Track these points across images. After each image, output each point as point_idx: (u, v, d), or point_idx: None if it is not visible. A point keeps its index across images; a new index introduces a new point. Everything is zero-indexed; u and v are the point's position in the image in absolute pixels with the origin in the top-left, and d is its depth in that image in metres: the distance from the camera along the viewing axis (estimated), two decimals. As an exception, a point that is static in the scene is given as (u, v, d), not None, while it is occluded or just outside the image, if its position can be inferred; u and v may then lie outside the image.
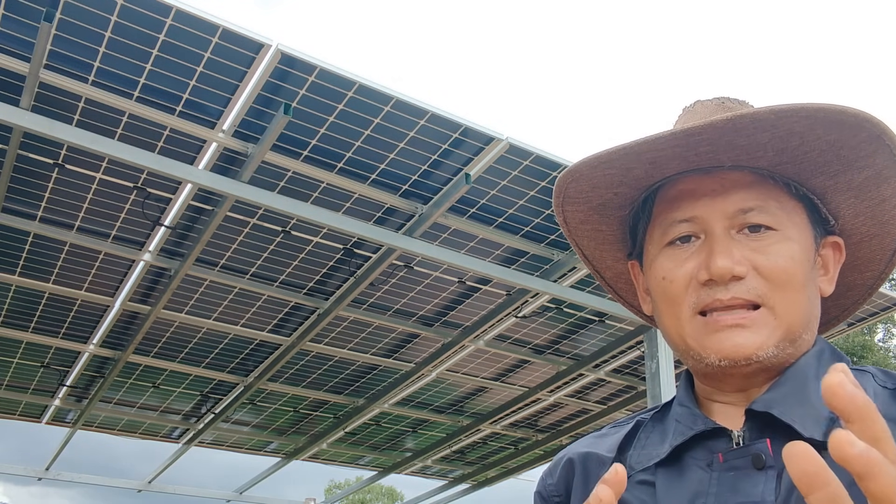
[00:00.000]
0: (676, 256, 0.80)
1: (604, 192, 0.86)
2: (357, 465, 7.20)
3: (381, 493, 28.98)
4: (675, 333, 0.81)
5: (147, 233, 3.70)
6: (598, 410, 5.83)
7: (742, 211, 0.78)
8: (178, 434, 6.27)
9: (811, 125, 0.74)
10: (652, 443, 0.83)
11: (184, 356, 4.88)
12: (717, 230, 0.78)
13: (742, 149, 0.77)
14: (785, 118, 0.73)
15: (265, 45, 2.76)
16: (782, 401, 0.74)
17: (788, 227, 0.78)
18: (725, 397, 0.81)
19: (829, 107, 0.71)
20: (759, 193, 0.78)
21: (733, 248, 0.77)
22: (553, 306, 4.40)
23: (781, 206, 0.79)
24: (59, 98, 2.91)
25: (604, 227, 0.91)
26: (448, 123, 3.12)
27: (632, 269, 0.93)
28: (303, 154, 3.23)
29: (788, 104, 0.72)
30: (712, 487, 0.74)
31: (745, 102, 0.88)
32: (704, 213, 0.79)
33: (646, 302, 0.90)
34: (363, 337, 4.70)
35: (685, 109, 0.91)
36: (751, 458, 0.72)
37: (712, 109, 0.87)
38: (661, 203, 0.83)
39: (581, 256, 0.96)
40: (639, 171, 0.82)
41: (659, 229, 0.83)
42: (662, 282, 0.81)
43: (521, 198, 3.51)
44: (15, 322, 4.45)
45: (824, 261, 0.84)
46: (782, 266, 0.76)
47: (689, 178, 0.81)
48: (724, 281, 0.76)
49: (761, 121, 0.73)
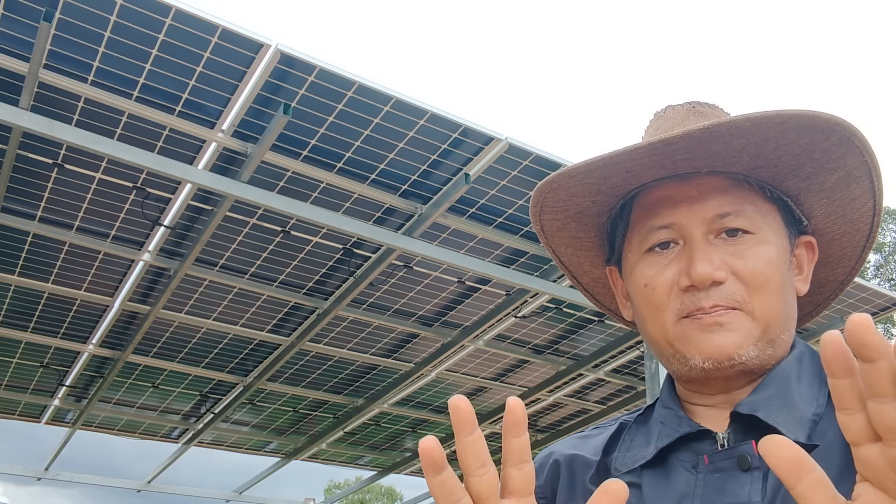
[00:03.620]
0: (657, 263, 0.81)
1: (581, 200, 0.87)
2: (356, 465, 7.20)
3: (381, 494, 28.99)
4: (661, 337, 0.82)
5: (146, 233, 3.70)
6: (597, 410, 5.83)
7: (719, 216, 0.79)
8: (178, 434, 6.27)
9: (785, 130, 0.75)
10: (637, 445, 0.84)
11: (183, 356, 4.88)
12: (695, 236, 0.79)
13: (718, 155, 0.78)
14: (760, 125, 0.75)
15: (265, 44, 2.76)
16: (766, 403, 0.75)
17: (764, 230, 0.80)
18: (708, 400, 0.82)
19: (803, 112, 0.73)
20: (735, 198, 0.80)
21: (712, 254, 0.78)
22: (552, 306, 4.40)
23: (757, 209, 0.80)
24: (58, 98, 2.91)
25: (581, 234, 0.92)
26: (447, 123, 3.12)
27: (610, 274, 0.94)
28: (302, 154, 3.23)
29: (764, 112, 0.74)
30: (698, 489, 0.75)
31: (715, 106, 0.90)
32: (682, 219, 0.80)
33: (626, 307, 0.91)
34: (363, 337, 4.70)
35: (656, 115, 0.92)
36: (736, 460, 0.73)
37: (683, 115, 0.88)
38: (639, 210, 0.84)
39: (558, 263, 0.97)
40: (616, 179, 0.83)
41: (638, 236, 0.84)
42: (645, 289, 0.82)
43: (520, 198, 3.52)
44: (14, 322, 4.45)
45: (799, 260, 0.85)
46: (760, 270, 0.77)
47: (666, 184, 0.82)
48: (704, 286, 0.77)
49: (737, 128, 0.75)
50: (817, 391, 0.77)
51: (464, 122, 3.12)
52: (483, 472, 0.57)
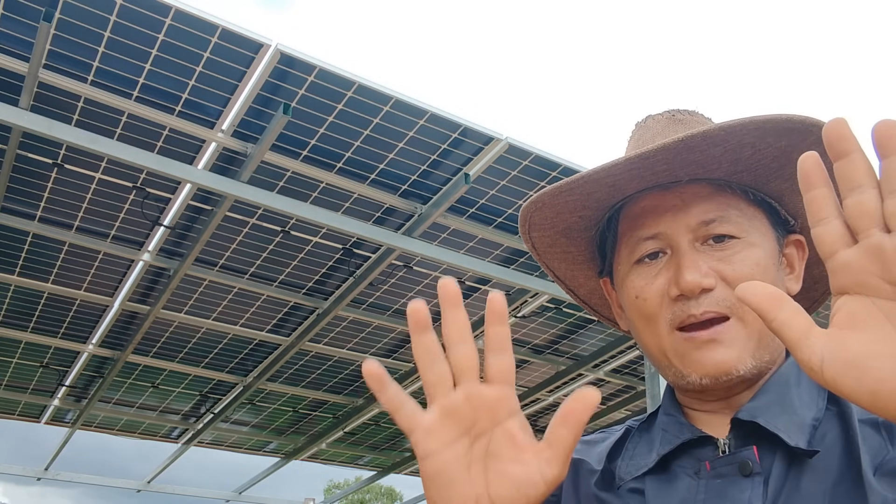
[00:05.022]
0: (646, 273, 0.82)
1: (568, 216, 0.88)
2: (356, 465, 7.20)
3: (381, 494, 28.98)
4: (656, 348, 0.82)
5: (146, 233, 3.70)
6: (597, 410, 5.82)
7: (704, 223, 0.79)
8: (178, 434, 6.27)
9: (762, 135, 0.76)
10: (640, 452, 0.84)
11: (183, 356, 4.88)
12: (682, 244, 0.80)
13: (697, 163, 0.79)
14: (734, 133, 0.75)
15: (264, 44, 2.76)
16: (766, 409, 0.76)
17: (751, 233, 0.80)
18: (707, 406, 0.82)
19: (776, 117, 0.74)
20: (718, 204, 0.80)
21: (700, 261, 0.78)
22: (552, 306, 4.40)
23: (742, 213, 0.81)
24: (58, 98, 2.91)
25: (572, 248, 0.93)
26: (447, 123, 3.12)
27: (604, 286, 0.94)
28: (302, 154, 3.23)
29: (737, 119, 0.75)
30: (700, 494, 0.75)
31: (696, 112, 0.91)
32: (668, 228, 0.81)
33: (621, 318, 0.92)
34: (362, 337, 4.70)
35: (637, 125, 0.93)
36: (737, 466, 0.74)
37: (664, 124, 0.89)
38: (625, 221, 0.85)
39: (553, 277, 0.98)
40: (600, 193, 0.84)
41: (626, 248, 0.84)
42: (636, 301, 0.82)
43: (520, 198, 3.52)
44: (14, 322, 4.45)
45: (789, 260, 0.86)
46: (748, 274, 0.78)
47: (650, 195, 0.83)
48: (694, 294, 0.77)
49: (712, 137, 0.76)
50: (816, 395, 0.78)
51: (464, 122, 3.12)
52: (464, 345, 0.60)
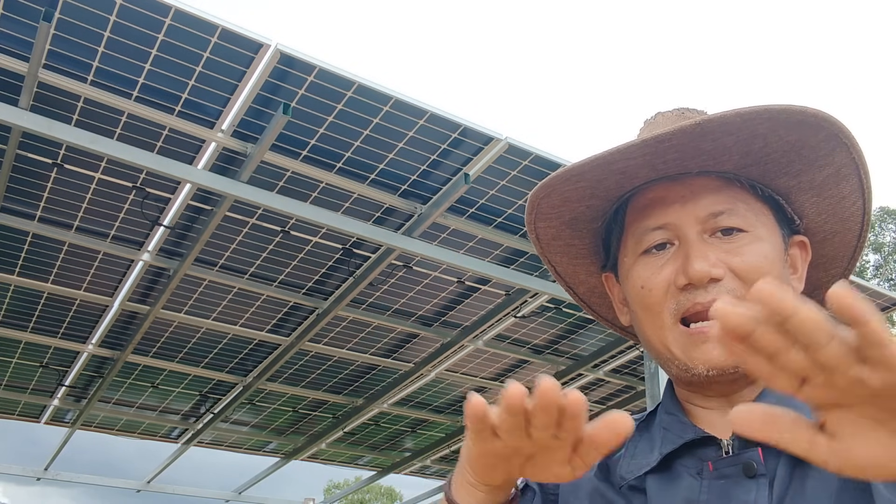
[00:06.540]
0: (653, 264, 0.81)
1: (575, 205, 0.87)
2: (356, 465, 7.20)
3: (381, 494, 28.99)
4: (658, 341, 0.82)
5: (146, 233, 3.70)
6: (597, 411, 5.83)
7: (713, 215, 0.79)
8: (177, 434, 6.27)
9: (774, 127, 0.76)
10: (641, 452, 0.84)
11: (183, 356, 4.88)
12: (690, 235, 0.79)
13: (708, 154, 0.79)
14: (749, 120, 0.75)
15: (264, 44, 2.76)
16: None
17: (758, 228, 0.80)
18: (708, 403, 0.82)
19: (791, 107, 0.74)
20: (727, 197, 0.80)
21: (708, 252, 0.78)
22: (552, 306, 4.40)
23: (750, 207, 0.81)
24: (57, 98, 2.91)
25: (576, 241, 0.93)
26: (447, 123, 3.12)
27: (606, 281, 0.94)
28: (302, 154, 3.23)
29: (753, 106, 0.74)
30: (703, 495, 0.75)
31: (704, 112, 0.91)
32: (676, 219, 0.81)
33: (623, 313, 0.91)
34: (362, 337, 4.70)
35: (646, 122, 0.93)
36: (742, 467, 0.73)
37: (673, 120, 0.89)
38: (633, 212, 0.85)
39: (553, 273, 0.97)
40: (609, 181, 0.83)
41: (633, 238, 0.84)
42: (641, 291, 0.82)
43: (520, 198, 3.52)
44: (14, 322, 4.44)
45: (793, 260, 0.86)
46: (757, 265, 0.78)
47: (659, 186, 0.83)
48: (702, 283, 0.77)
49: (728, 123, 0.75)
50: None
51: (463, 122, 3.12)
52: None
